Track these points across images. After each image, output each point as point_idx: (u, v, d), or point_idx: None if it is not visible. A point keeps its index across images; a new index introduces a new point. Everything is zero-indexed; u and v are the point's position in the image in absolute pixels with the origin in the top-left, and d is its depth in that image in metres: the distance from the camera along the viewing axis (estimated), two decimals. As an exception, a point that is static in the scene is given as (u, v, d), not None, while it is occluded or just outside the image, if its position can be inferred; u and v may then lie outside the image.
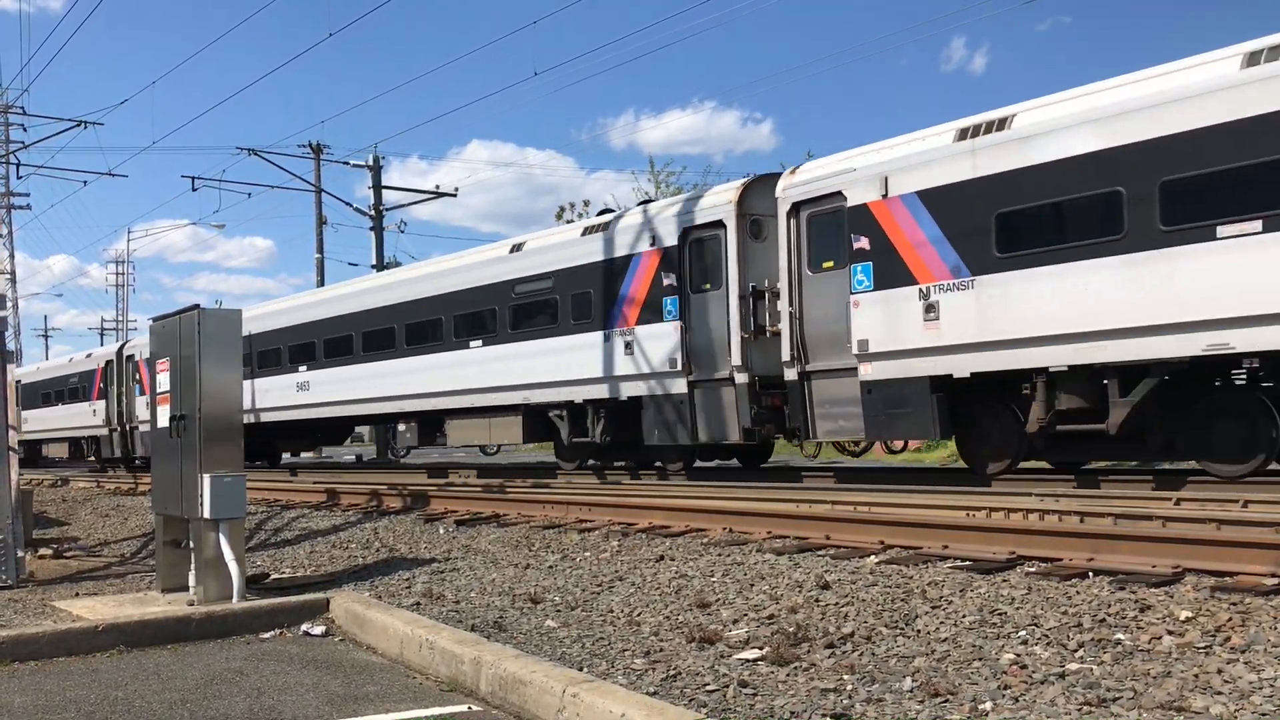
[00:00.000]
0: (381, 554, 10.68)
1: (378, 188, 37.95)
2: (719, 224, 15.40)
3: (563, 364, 17.68)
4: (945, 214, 12.55)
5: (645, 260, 16.37)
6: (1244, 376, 11.59)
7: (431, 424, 22.17)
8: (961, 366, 12.40)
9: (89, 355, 38.10)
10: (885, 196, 13.18)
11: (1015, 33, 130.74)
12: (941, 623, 5.81)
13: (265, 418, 26.66)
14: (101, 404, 35.39)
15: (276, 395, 26.11)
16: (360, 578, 9.32)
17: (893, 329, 12.98)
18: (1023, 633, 5.47)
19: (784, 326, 14.36)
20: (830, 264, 13.96)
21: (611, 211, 19.40)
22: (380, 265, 36.51)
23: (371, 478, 20.52)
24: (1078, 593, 6.02)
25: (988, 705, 4.45)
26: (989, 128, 12.27)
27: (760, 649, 5.62)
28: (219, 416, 8.58)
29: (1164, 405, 11.56)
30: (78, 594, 9.38)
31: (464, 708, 5.29)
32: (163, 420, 9.15)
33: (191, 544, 8.67)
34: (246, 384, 22.71)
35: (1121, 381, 11.35)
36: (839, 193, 13.75)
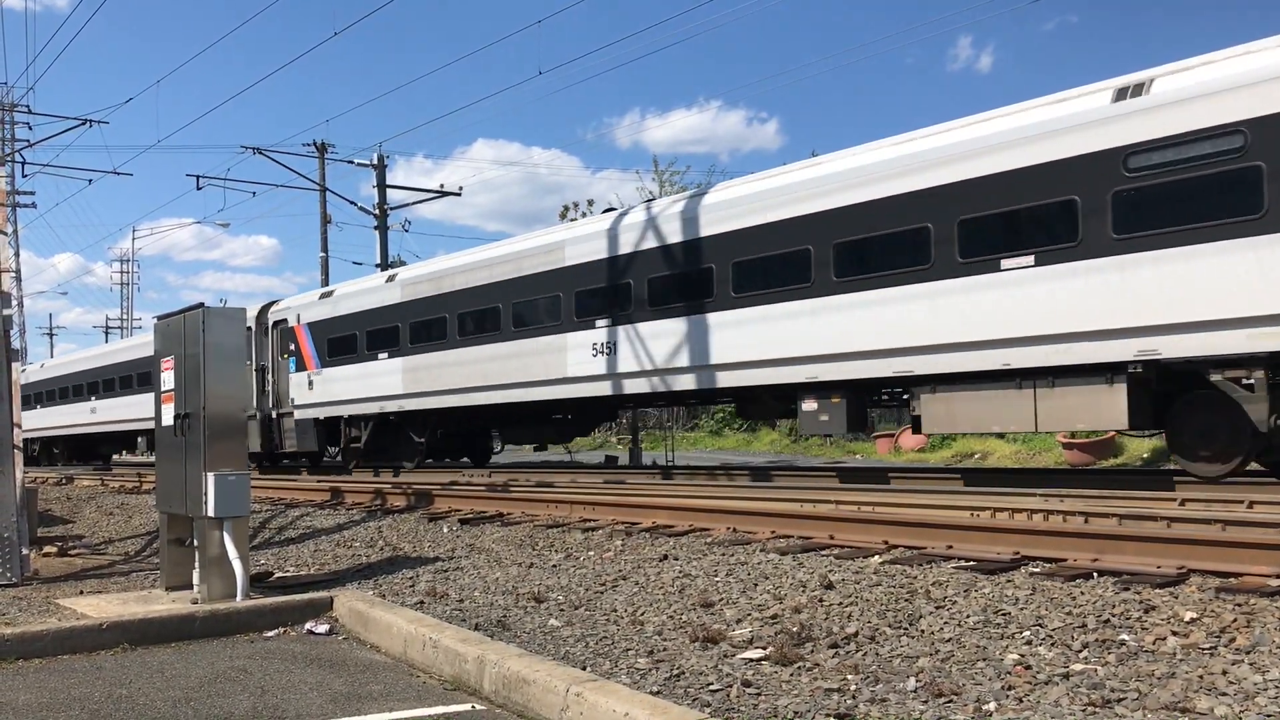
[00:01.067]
0: (385, 553, 10.69)
1: (382, 187, 37.95)
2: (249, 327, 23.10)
3: None
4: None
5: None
6: None
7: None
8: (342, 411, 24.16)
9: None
10: (299, 321, 24.98)
11: (1022, 32, 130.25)
12: (945, 623, 5.80)
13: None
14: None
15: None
16: (364, 576, 9.32)
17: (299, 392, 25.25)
18: (1027, 633, 5.46)
19: (270, 388, 25.64)
20: (287, 355, 25.39)
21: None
22: (384, 264, 36.53)
23: (375, 477, 20.53)
24: (1082, 593, 6.01)
25: (992, 706, 4.45)
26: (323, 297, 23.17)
27: (764, 649, 5.62)
28: (223, 415, 8.59)
29: None
30: (82, 592, 9.40)
31: (467, 706, 5.29)
32: (167, 419, 9.17)
33: (196, 542, 8.68)
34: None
35: None
36: (284, 319, 25.73)
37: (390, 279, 23.13)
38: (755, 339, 15.08)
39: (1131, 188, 11.42)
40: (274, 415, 25.45)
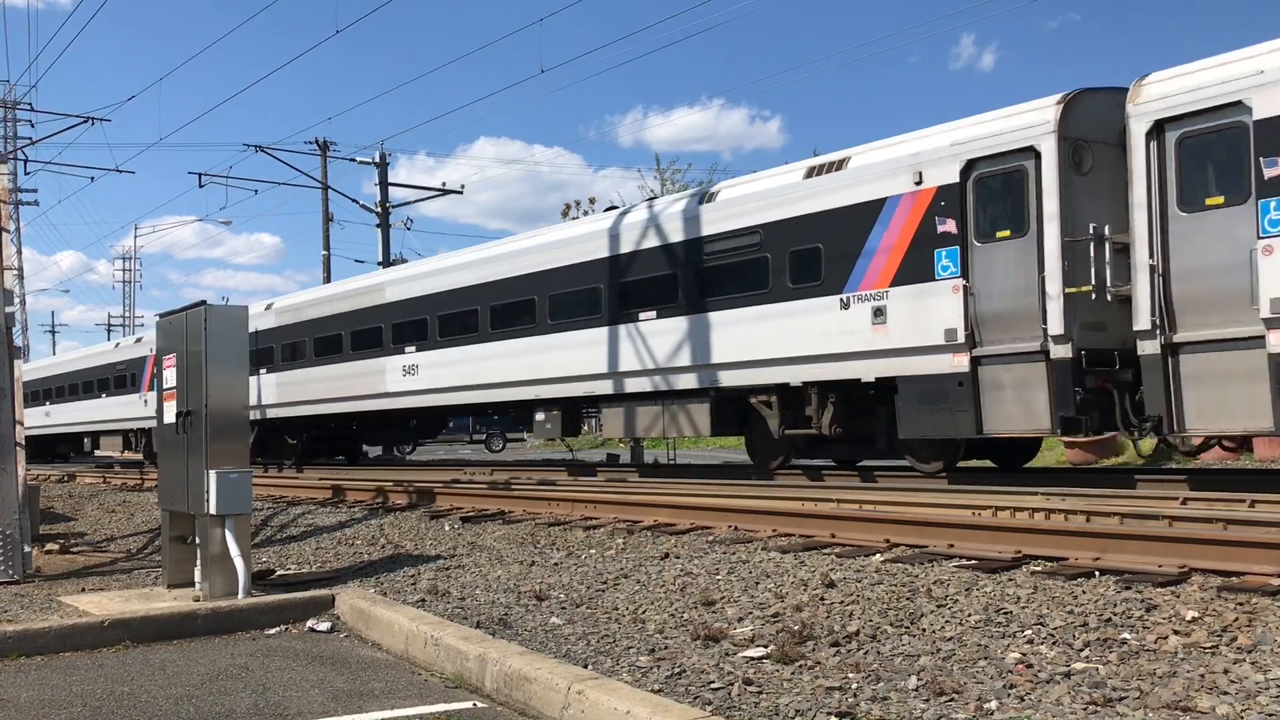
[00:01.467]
0: (387, 550, 10.69)
1: (384, 184, 37.97)
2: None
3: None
4: None
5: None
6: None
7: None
8: None
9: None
10: None
11: (1025, 30, 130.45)
12: (947, 622, 5.80)
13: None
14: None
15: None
16: (366, 574, 9.33)
17: None
18: (1028, 632, 5.46)
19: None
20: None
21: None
22: (386, 262, 36.53)
23: (378, 474, 20.55)
24: (1084, 592, 6.01)
25: (993, 704, 4.45)
26: None
27: (765, 647, 5.62)
28: (225, 412, 8.59)
29: None
30: (84, 589, 9.40)
31: (469, 704, 5.29)
32: (169, 416, 9.17)
33: (197, 540, 8.69)
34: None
35: None
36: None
37: (268, 307, 27.18)
38: (506, 366, 19.55)
39: (707, 266, 15.77)
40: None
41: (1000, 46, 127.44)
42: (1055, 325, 11.60)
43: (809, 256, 14.26)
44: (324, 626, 7.39)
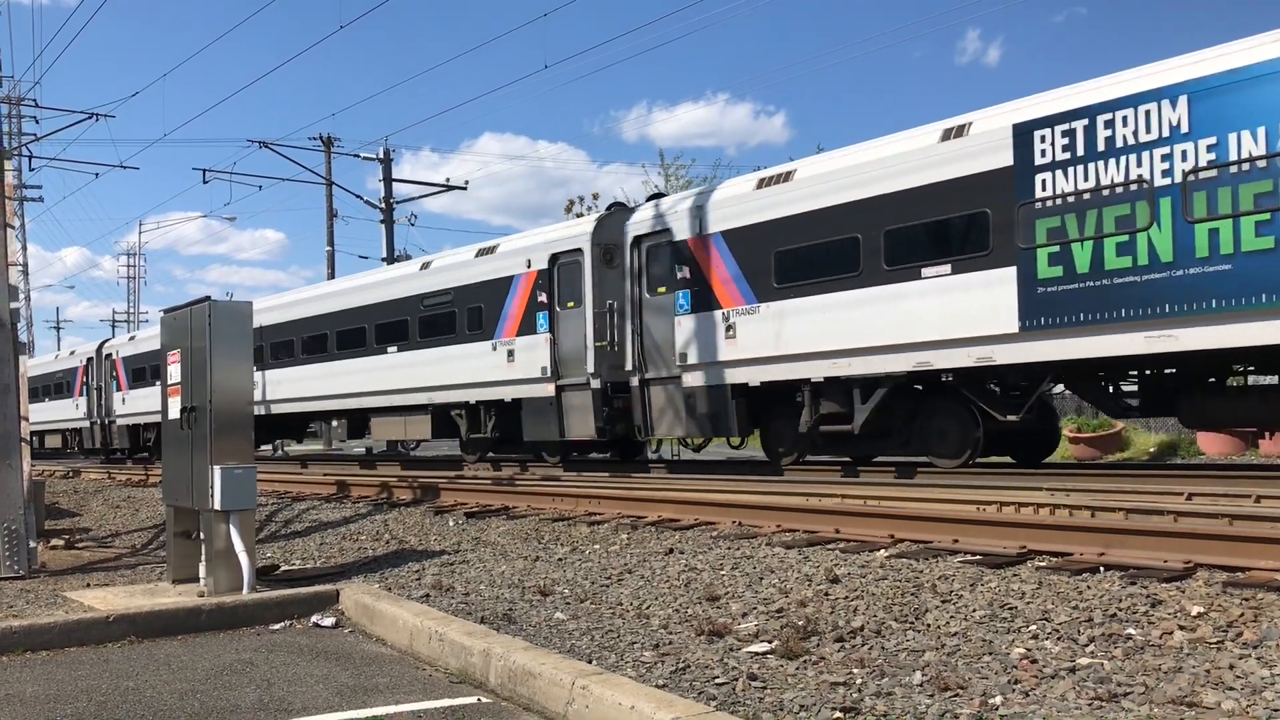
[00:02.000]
0: (391, 546, 10.70)
1: (388, 180, 37.99)
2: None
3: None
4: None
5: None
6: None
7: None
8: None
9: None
10: (118, 355, 21.77)
11: (1030, 24, 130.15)
12: (951, 617, 5.79)
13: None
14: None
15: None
16: (370, 569, 9.34)
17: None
18: (1033, 627, 5.46)
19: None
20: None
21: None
22: (390, 258, 36.55)
23: (382, 470, 20.58)
24: (1089, 587, 6.01)
25: (998, 699, 4.44)
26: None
27: (769, 642, 5.62)
28: (229, 408, 8.59)
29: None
30: (89, 584, 9.42)
31: (473, 699, 5.30)
32: (173, 412, 9.18)
33: (202, 535, 8.70)
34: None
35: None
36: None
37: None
38: (314, 385, 25.22)
39: (424, 314, 21.58)
40: (106, 421, 36.02)
41: (1006, 40, 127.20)
42: (591, 366, 17.62)
43: (477, 312, 20.08)
44: (328, 622, 7.40)
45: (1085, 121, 11.69)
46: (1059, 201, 11.89)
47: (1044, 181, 12.00)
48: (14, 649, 6.62)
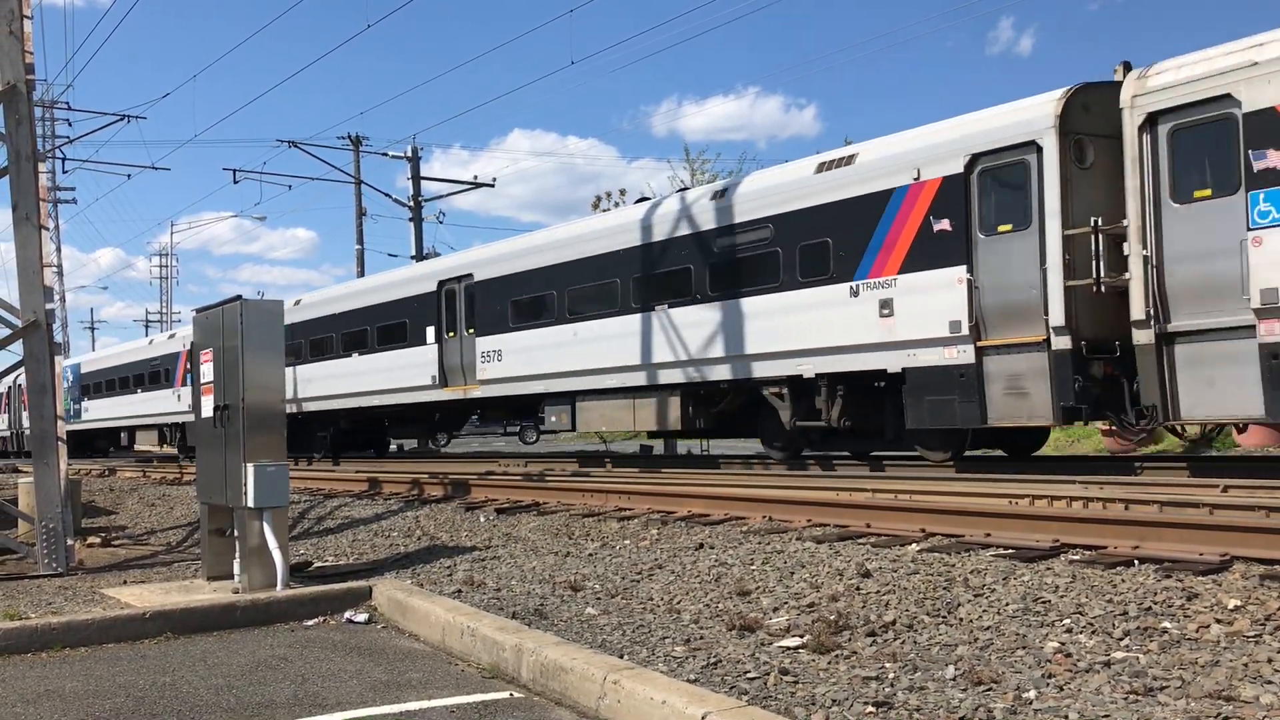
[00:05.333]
0: (423, 542, 10.76)
1: (416, 179, 38.16)
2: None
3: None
4: None
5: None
6: None
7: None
8: None
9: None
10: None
11: (1065, 13, 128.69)
12: (984, 611, 5.76)
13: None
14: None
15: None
16: (402, 565, 9.39)
17: None
18: (1067, 621, 5.42)
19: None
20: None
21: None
22: (419, 256, 36.70)
23: (413, 467, 20.68)
24: (1123, 581, 5.95)
25: (1032, 694, 4.41)
26: None
27: (801, 637, 5.61)
28: (262, 406, 8.66)
29: None
30: (125, 581, 9.52)
31: (505, 694, 5.32)
32: (207, 410, 9.26)
33: (236, 532, 8.77)
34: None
35: None
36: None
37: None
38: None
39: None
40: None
41: (1039, 30, 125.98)
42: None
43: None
44: (361, 618, 7.44)
45: None
46: None
47: None
48: (53, 645, 6.71)
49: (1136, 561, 6.34)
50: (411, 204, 37.88)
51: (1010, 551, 6.96)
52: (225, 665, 6.15)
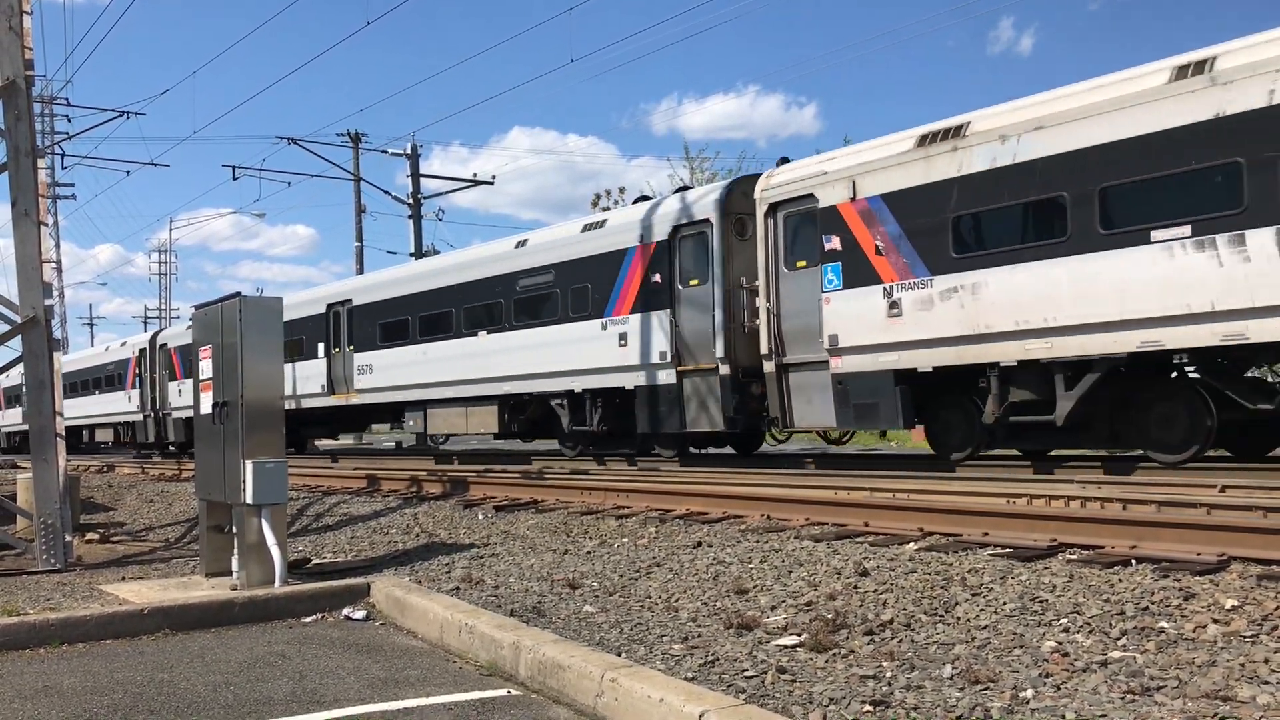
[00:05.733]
0: (421, 539, 10.76)
1: (415, 176, 38.15)
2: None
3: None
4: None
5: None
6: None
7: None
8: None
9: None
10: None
11: (1066, 13, 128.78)
12: (982, 610, 5.77)
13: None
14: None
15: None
16: (400, 563, 9.39)
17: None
18: (1064, 620, 5.42)
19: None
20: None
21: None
22: (418, 253, 36.70)
23: (411, 464, 20.70)
24: (1120, 580, 5.96)
25: (1029, 693, 4.42)
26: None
27: (799, 635, 5.61)
28: (261, 403, 8.67)
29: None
30: (124, 578, 9.53)
31: (503, 691, 5.32)
32: (205, 407, 9.26)
33: (234, 529, 8.78)
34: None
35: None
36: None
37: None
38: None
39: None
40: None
41: (1040, 29, 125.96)
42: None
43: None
44: (359, 615, 7.45)
45: None
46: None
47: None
48: (51, 641, 6.71)
49: (1134, 561, 6.35)
50: (411, 201, 37.87)
51: (1008, 551, 6.97)
52: (223, 662, 6.15)
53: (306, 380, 26.60)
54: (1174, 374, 12.42)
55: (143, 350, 35.86)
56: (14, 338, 11.10)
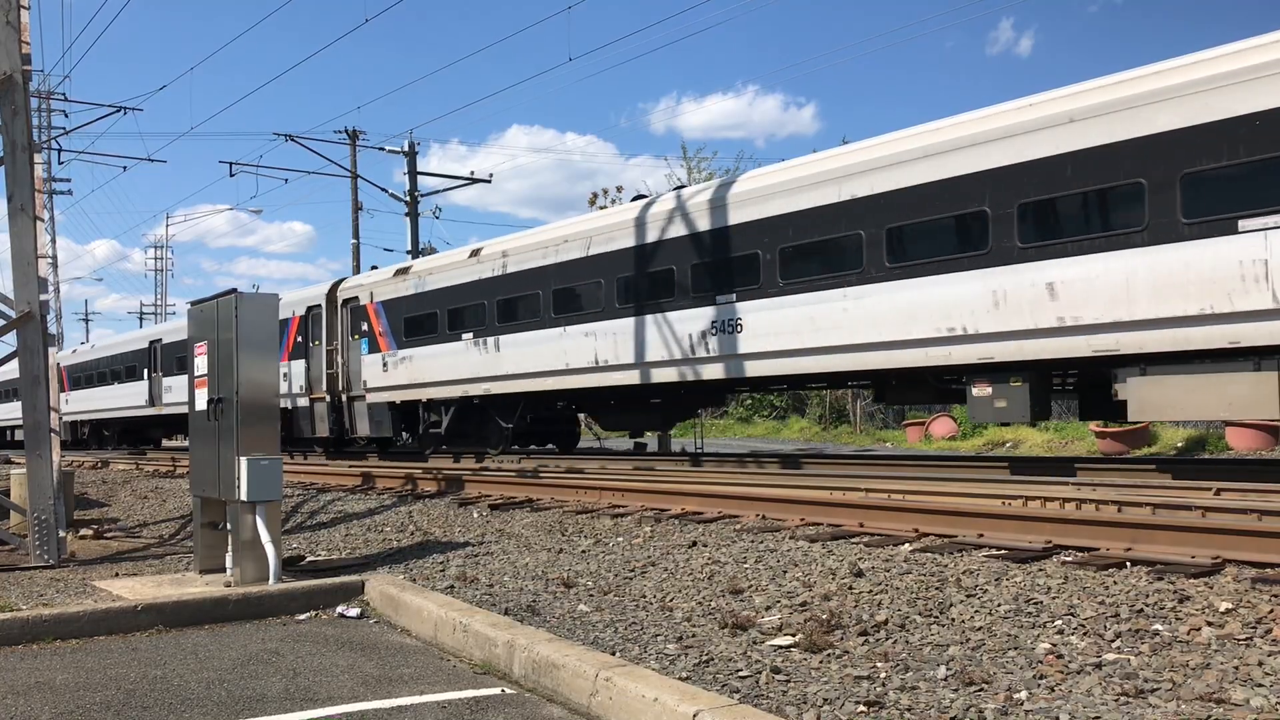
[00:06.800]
0: (416, 537, 10.75)
1: (413, 174, 38.10)
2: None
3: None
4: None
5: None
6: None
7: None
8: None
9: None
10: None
11: (1065, 15, 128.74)
12: (976, 611, 5.77)
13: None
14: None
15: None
16: (395, 561, 9.38)
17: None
18: (1059, 622, 5.42)
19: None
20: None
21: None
22: (415, 251, 36.67)
23: (406, 462, 20.66)
24: (1115, 582, 5.96)
25: (1023, 694, 4.42)
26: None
27: (793, 636, 5.61)
28: (256, 400, 8.66)
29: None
30: (117, 574, 9.51)
31: (497, 690, 5.32)
32: (201, 403, 9.25)
33: (229, 526, 8.77)
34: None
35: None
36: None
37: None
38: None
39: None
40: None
41: (1039, 31, 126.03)
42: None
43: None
44: (354, 612, 7.44)
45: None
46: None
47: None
48: (44, 637, 6.69)
49: (1129, 563, 6.35)
50: (408, 199, 37.84)
51: (1003, 552, 6.97)
52: (217, 659, 6.15)
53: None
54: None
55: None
56: (9, 332, 11.08)
